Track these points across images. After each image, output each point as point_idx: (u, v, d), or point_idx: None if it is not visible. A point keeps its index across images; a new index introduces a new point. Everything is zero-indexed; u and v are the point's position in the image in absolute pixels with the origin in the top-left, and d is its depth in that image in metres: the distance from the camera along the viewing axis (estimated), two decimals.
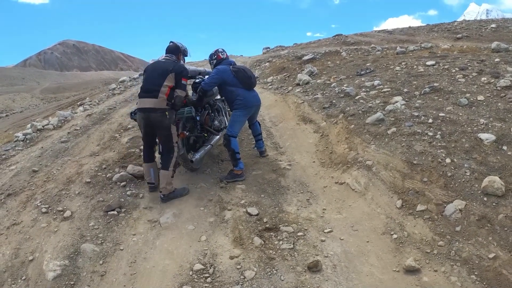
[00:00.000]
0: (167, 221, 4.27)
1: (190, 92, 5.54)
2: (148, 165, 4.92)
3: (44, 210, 4.47)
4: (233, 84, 5.28)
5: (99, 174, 5.36)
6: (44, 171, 5.60)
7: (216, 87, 5.51)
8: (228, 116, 6.54)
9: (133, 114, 5.00)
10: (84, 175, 5.30)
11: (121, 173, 5.23)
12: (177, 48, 5.00)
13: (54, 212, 4.46)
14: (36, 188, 5.10)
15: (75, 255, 3.72)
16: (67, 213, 4.40)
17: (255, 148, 6.08)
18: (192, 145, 5.44)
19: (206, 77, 5.54)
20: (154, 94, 4.53)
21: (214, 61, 5.58)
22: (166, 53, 4.94)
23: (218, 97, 6.27)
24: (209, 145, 5.56)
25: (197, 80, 5.79)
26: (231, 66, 5.39)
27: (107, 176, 5.29)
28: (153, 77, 4.64)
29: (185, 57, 5.26)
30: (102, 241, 3.97)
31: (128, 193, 4.89)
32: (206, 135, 5.65)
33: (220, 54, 5.55)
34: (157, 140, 4.89)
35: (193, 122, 5.33)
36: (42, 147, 6.76)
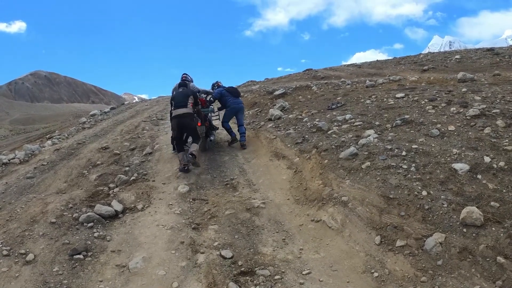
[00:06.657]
0: (136, 266, 4.02)
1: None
2: (182, 153, 7.07)
3: (5, 252, 4.19)
4: (226, 95, 8.73)
5: (65, 213, 5.09)
6: (7, 209, 5.33)
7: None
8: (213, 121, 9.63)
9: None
10: (49, 215, 5.04)
11: (88, 213, 4.99)
12: (185, 82, 7.84)
13: (16, 255, 4.17)
14: None
15: None
16: (30, 257, 4.12)
17: (239, 140, 8.64)
18: (206, 132, 8.19)
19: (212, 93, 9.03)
20: (184, 105, 7.17)
21: (216, 87, 9.17)
22: (179, 87, 7.66)
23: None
24: (213, 133, 8.84)
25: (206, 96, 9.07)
26: (224, 88, 8.91)
27: (74, 216, 5.03)
28: (181, 97, 7.28)
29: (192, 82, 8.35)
30: None
31: (96, 235, 4.64)
32: (214, 126, 9.00)
33: (219, 83, 9.24)
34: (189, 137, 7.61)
35: (206, 118, 8.24)
36: (6, 183, 6.49)
